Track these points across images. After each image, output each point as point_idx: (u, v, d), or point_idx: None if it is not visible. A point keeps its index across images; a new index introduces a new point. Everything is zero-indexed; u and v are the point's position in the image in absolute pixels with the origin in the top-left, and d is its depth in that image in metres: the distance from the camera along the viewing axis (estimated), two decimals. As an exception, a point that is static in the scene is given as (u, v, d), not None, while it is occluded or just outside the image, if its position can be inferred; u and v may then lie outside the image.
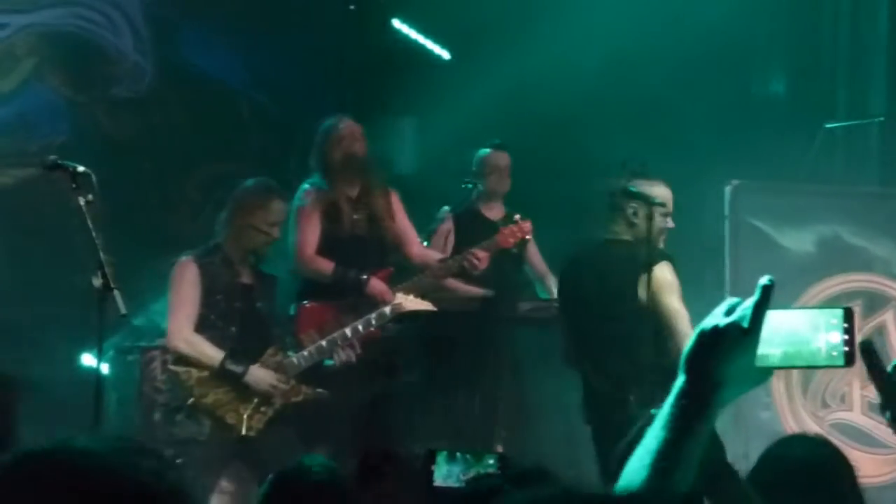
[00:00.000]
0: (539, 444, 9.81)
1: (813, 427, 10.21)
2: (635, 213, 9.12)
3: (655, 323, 8.76)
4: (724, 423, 4.39)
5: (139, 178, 11.78)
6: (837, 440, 10.37)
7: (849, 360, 3.12)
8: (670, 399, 2.93)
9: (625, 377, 8.72)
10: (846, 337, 3.09)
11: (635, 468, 2.93)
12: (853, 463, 5.04)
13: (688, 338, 2.93)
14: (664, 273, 8.91)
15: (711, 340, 2.92)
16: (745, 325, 2.93)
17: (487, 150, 10.68)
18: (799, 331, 3.07)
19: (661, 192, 9.32)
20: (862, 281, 11.00)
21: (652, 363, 8.37)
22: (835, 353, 3.10)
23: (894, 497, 9.21)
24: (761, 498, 4.14)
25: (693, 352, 2.94)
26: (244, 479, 9.19)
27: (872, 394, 9.98)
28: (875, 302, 10.96)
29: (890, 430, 10.63)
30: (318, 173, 9.95)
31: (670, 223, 9.19)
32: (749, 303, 2.97)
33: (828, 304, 10.93)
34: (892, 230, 10.95)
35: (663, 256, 9.04)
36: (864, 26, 12.45)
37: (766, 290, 3.06)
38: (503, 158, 10.66)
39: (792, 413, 10.61)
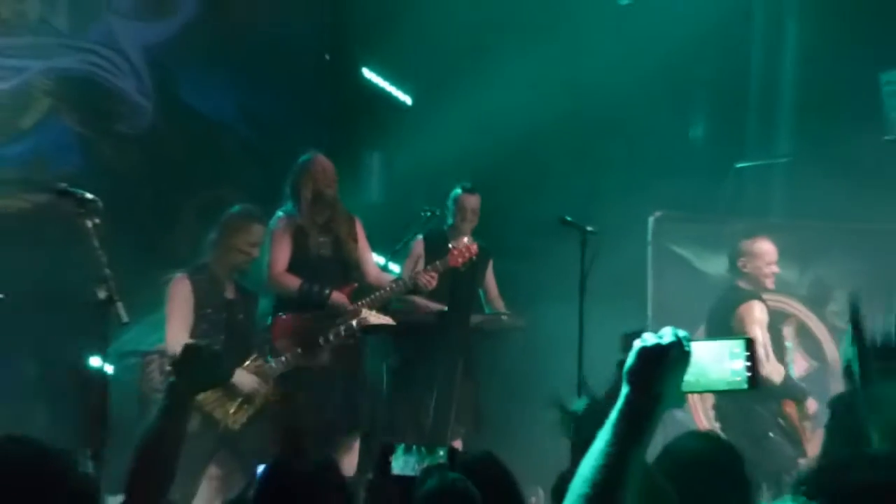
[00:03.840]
0: (490, 437, 9.84)
1: (701, 419, 10.28)
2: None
3: None
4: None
5: (140, 203, 11.75)
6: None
7: (751, 383, 3.21)
8: (615, 413, 2.97)
9: None
10: (748, 364, 3.19)
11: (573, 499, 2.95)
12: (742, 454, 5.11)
13: None
14: None
15: (655, 357, 3.01)
16: (687, 346, 3.03)
17: (460, 191, 10.67)
18: (708, 359, 3.17)
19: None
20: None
21: None
22: (738, 378, 3.20)
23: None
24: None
25: (635, 366, 3.00)
26: (229, 466, 9.24)
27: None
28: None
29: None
30: (291, 202, 10.01)
31: None
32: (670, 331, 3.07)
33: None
34: (793, 256, 11.03)
35: None
36: (772, 78, 12.51)
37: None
38: (473, 200, 10.65)
39: (703, 412, 10.66)
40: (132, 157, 12.16)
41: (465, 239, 10.29)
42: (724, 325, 9.86)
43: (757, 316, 10.02)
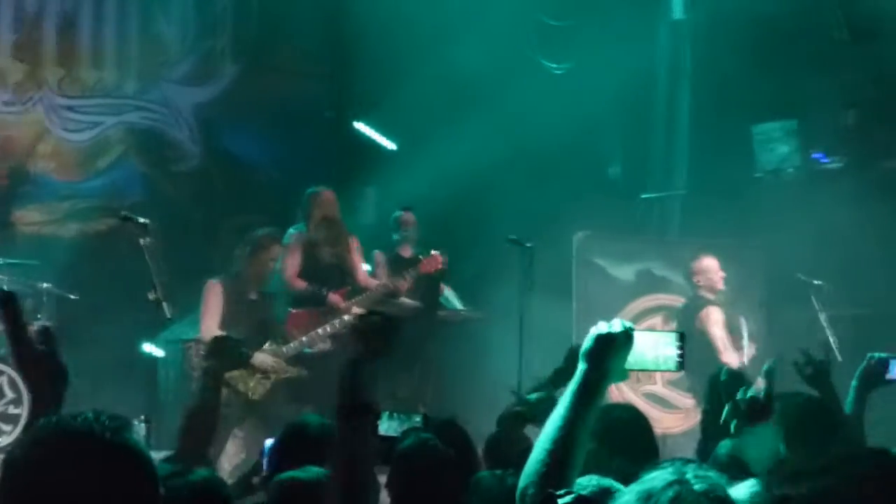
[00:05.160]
0: (452, 406, 9.78)
1: (630, 396, 10.21)
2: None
3: None
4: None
5: (189, 225, 11.73)
6: (646, 404, 10.47)
7: (680, 366, 3.21)
8: (572, 385, 2.96)
9: None
10: (679, 352, 3.16)
11: (528, 479, 2.91)
12: (652, 420, 5.08)
13: None
14: None
15: (606, 342, 2.98)
16: (632, 334, 3.00)
17: (400, 212, 10.60)
18: (647, 346, 3.13)
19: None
20: (665, 299, 11.05)
21: None
22: (670, 362, 3.17)
23: (685, 441, 9.19)
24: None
25: (592, 349, 2.98)
26: (251, 429, 9.17)
27: (668, 375, 10.10)
28: (673, 313, 10.99)
29: (681, 396, 10.62)
30: (302, 223, 9.97)
31: None
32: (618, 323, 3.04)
33: (642, 313, 10.99)
34: (684, 265, 10.98)
35: None
36: (671, 128, 12.50)
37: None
38: (409, 216, 10.56)
39: (616, 388, 10.64)
40: (185, 190, 12.14)
41: (434, 252, 10.21)
42: (689, 326, 9.75)
43: (714, 318, 9.98)
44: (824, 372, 5.36)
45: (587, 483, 3.05)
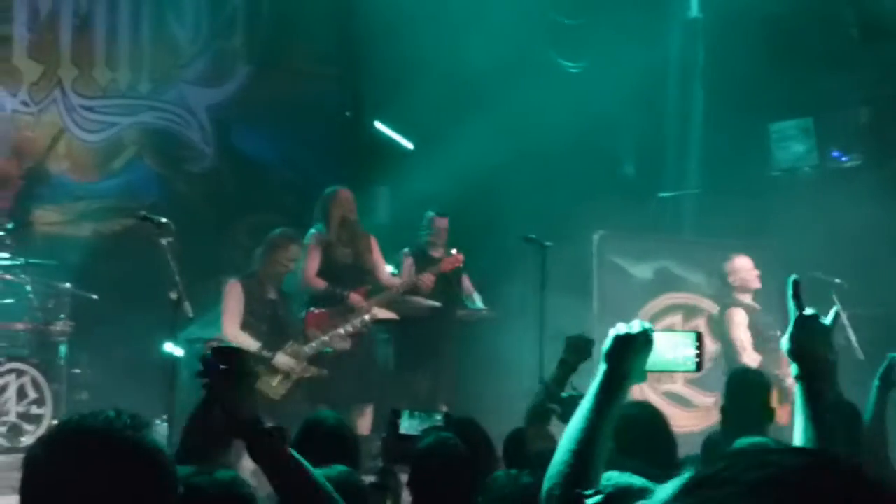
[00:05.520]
0: (471, 405, 9.78)
1: (651, 395, 10.21)
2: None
3: None
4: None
5: (204, 225, 11.71)
6: (667, 403, 10.47)
7: (698, 367, 3.22)
8: (594, 385, 2.98)
9: None
10: (697, 352, 3.18)
11: (553, 480, 2.92)
12: (669, 417, 5.10)
13: None
14: None
15: (626, 343, 2.99)
16: (651, 335, 3.01)
17: (432, 214, 10.57)
18: (666, 347, 3.15)
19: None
20: (683, 298, 11.05)
21: None
22: (689, 363, 3.19)
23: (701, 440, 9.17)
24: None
25: (612, 350, 3.00)
26: (271, 428, 9.18)
27: (689, 374, 10.10)
28: (692, 312, 10.99)
29: (700, 394, 10.62)
30: (321, 223, 9.97)
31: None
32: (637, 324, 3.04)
33: (662, 312, 10.99)
34: (702, 264, 10.99)
35: None
36: (685, 128, 12.51)
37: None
38: (443, 222, 10.56)
39: (637, 387, 10.64)
40: (198, 190, 12.15)
41: (454, 250, 10.25)
42: (722, 329, 9.97)
43: (736, 320, 9.95)
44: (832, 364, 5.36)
45: (605, 482, 3.06)
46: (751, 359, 9.66)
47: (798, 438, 2.97)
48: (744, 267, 10.11)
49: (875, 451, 5.00)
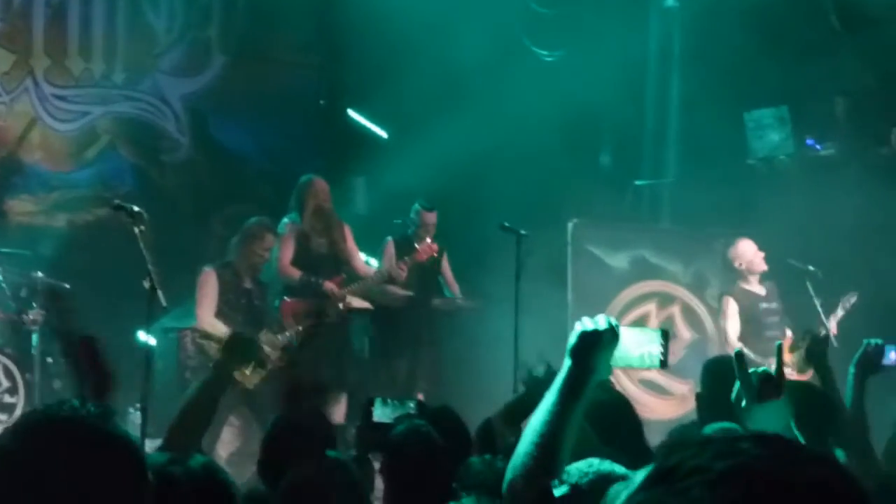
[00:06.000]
0: (447, 394, 9.79)
1: (626, 383, 10.19)
2: None
3: None
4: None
5: (180, 216, 11.70)
6: (642, 390, 10.49)
7: (663, 364, 3.21)
8: (558, 381, 2.99)
9: None
10: (662, 349, 3.17)
11: (516, 470, 2.95)
12: (648, 406, 5.10)
13: None
14: None
15: (591, 339, 3.00)
16: (617, 331, 3.01)
17: (420, 208, 10.53)
18: (632, 343, 3.14)
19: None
20: (659, 286, 11.08)
21: None
22: (654, 359, 3.18)
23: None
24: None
25: (577, 346, 3.01)
26: (246, 417, 9.17)
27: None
28: (666, 300, 11.02)
29: (675, 381, 10.60)
30: (295, 212, 9.96)
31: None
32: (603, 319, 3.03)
33: (636, 300, 11.01)
34: (678, 253, 11.01)
35: None
36: (662, 117, 12.52)
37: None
38: (432, 216, 10.54)
39: (613, 374, 10.65)
40: (173, 180, 12.11)
41: (428, 239, 10.25)
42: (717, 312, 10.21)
43: (727, 310, 10.06)
44: (822, 346, 5.39)
45: (587, 468, 3.05)
46: (733, 349, 9.68)
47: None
48: (748, 250, 10.10)
49: (856, 438, 5.00)
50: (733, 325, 9.97)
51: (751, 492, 1.30)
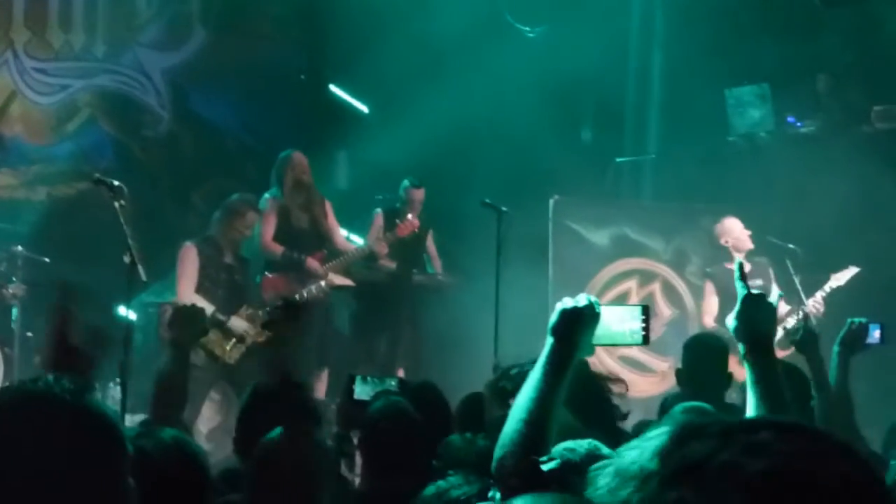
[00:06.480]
0: (429, 370, 9.79)
1: (607, 360, 10.19)
2: None
3: None
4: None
5: (159, 190, 11.69)
6: (623, 368, 10.51)
7: (645, 340, 3.23)
8: (541, 359, 3.01)
9: None
10: (643, 325, 3.18)
11: (506, 448, 2.97)
12: (629, 383, 5.08)
13: None
14: None
15: (573, 317, 3.01)
16: (598, 309, 3.03)
17: (409, 185, 10.50)
18: (613, 320, 3.15)
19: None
20: (639, 263, 11.09)
21: None
22: (636, 336, 3.19)
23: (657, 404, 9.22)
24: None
25: (558, 323, 3.03)
26: (227, 392, 9.17)
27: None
28: (647, 277, 11.04)
29: (656, 359, 10.64)
30: (276, 187, 9.95)
31: None
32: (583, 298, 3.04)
33: (617, 277, 11.03)
34: (660, 230, 11.03)
35: None
36: (644, 93, 12.52)
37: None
38: (419, 194, 10.51)
39: (593, 351, 10.67)
40: (154, 154, 12.09)
41: (409, 215, 10.23)
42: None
43: (706, 289, 10.12)
44: (813, 339, 5.41)
45: (574, 446, 3.06)
46: (708, 329, 9.75)
47: (752, 414, 2.97)
48: (735, 227, 10.08)
49: (841, 417, 5.02)
50: (709, 308, 10.00)
51: (789, 495, 1.30)
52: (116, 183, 7.65)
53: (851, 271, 9.73)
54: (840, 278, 9.71)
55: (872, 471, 1.37)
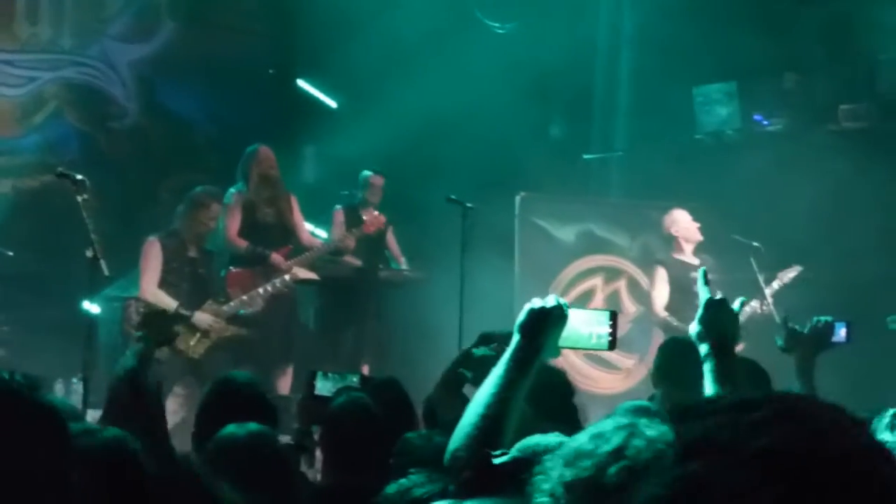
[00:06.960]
0: (393, 366, 9.77)
1: (572, 357, 10.20)
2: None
3: None
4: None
5: (126, 183, 11.62)
6: (589, 365, 10.53)
7: (611, 346, 3.23)
8: (506, 357, 3.02)
9: None
10: (610, 330, 3.18)
11: (460, 441, 2.98)
12: (594, 380, 5.08)
13: None
14: None
15: (540, 317, 3.01)
16: (566, 311, 3.03)
17: (369, 173, 10.54)
18: (580, 323, 3.15)
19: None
20: (605, 260, 11.11)
21: None
22: (602, 340, 3.20)
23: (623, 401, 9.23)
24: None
25: (526, 322, 3.04)
26: (191, 387, 9.12)
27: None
28: (613, 274, 11.05)
29: (622, 356, 10.67)
30: (241, 182, 9.92)
31: None
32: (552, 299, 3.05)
33: (583, 274, 11.04)
34: (626, 227, 11.05)
35: None
36: (612, 91, 12.54)
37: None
38: (379, 180, 10.52)
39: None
40: (120, 147, 12.02)
41: (375, 212, 10.21)
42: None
43: (655, 276, 10.07)
44: (798, 340, 5.42)
45: (529, 443, 3.05)
46: (658, 317, 9.78)
47: None
48: (683, 218, 10.12)
49: None
50: (660, 294, 9.97)
51: (798, 473, 1.31)
52: (79, 177, 7.62)
53: (795, 270, 9.79)
54: (783, 277, 9.77)
55: (872, 437, 1.38)
